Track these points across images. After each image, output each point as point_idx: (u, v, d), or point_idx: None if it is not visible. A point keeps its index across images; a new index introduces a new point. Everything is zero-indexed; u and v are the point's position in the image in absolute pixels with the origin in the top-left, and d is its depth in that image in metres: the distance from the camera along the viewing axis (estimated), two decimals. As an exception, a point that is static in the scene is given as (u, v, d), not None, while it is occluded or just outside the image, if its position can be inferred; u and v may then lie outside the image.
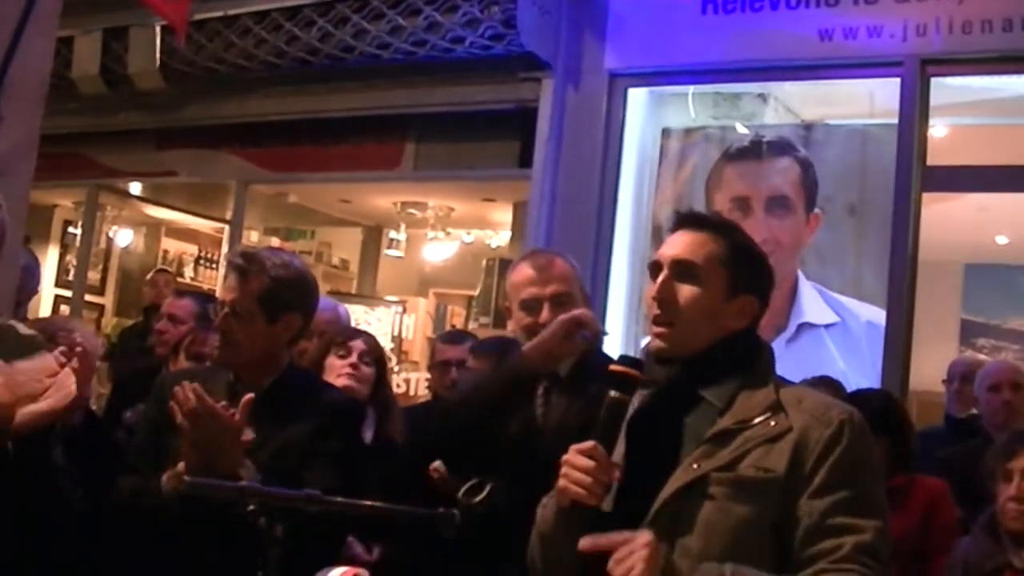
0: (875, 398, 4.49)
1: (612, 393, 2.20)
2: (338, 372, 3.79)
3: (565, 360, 3.14)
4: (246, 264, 3.22)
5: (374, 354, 3.95)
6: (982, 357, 5.81)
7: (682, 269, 2.28)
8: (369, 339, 4.01)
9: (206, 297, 5.80)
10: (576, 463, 2.13)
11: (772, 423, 2.16)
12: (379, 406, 3.89)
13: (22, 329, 2.78)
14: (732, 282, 2.29)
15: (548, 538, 2.28)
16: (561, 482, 2.14)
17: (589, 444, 2.14)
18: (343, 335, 3.97)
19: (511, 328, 3.31)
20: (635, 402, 2.25)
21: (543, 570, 2.31)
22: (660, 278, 2.29)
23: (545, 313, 3.10)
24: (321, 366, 3.86)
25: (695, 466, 2.15)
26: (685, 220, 2.38)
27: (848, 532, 2.06)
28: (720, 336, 2.27)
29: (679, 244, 2.32)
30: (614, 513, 2.15)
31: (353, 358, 3.86)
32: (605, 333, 3.52)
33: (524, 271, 3.20)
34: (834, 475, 2.10)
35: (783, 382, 2.31)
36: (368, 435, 3.74)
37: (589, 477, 2.11)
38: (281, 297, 3.21)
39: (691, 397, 2.25)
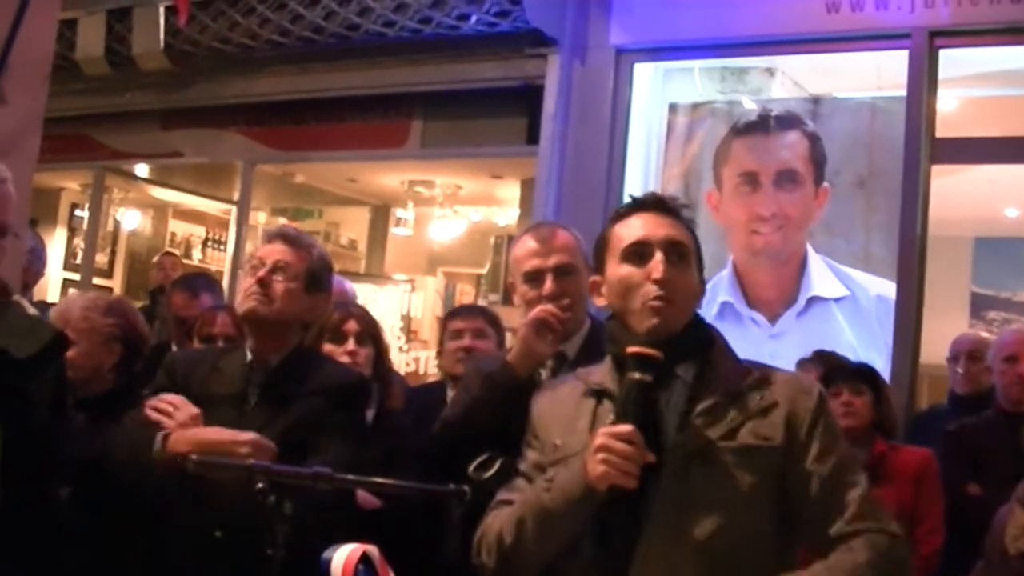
0: (851, 363, 4.82)
1: (635, 375, 2.22)
2: (338, 359, 3.72)
3: (572, 342, 3.11)
4: (296, 235, 3.33)
5: (369, 330, 3.85)
6: (985, 335, 5.62)
7: (677, 250, 2.37)
8: (360, 316, 3.89)
9: (210, 279, 5.78)
10: (615, 448, 2.15)
11: (759, 398, 2.28)
12: (380, 381, 3.83)
13: (29, 309, 2.79)
14: (699, 263, 2.43)
15: (555, 516, 2.26)
16: (600, 467, 2.15)
17: (627, 429, 2.16)
18: (334, 321, 3.81)
19: (516, 303, 3.27)
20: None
21: (536, 548, 2.29)
22: (659, 257, 2.33)
23: (548, 284, 3.06)
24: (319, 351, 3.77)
25: (701, 435, 2.23)
26: (653, 204, 2.45)
27: (852, 486, 2.24)
28: (692, 314, 2.41)
29: (662, 226, 2.39)
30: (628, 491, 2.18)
31: (350, 344, 3.76)
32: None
33: (527, 243, 3.16)
34: (826, 439, 2.27)
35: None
36: (370, 413, 3.70)
37: (630, 462, 2.14)
38: (322, 277, 3.32)
39: (667, 374, 2.30)
